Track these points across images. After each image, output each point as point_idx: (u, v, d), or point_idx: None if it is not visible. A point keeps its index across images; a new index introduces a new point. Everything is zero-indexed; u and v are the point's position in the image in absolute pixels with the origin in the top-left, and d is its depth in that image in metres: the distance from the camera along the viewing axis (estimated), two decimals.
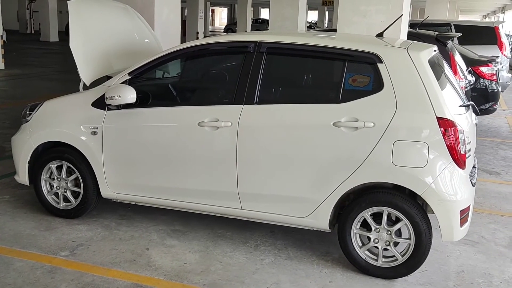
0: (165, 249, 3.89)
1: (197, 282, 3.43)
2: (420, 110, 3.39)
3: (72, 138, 4.17)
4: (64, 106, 4.37)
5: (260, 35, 3.95)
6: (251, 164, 3.72)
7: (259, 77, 3.73)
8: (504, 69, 10.88)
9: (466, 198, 3.44)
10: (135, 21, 5.36)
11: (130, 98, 3.91)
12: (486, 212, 4.96)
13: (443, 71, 3.94)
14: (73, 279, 3.40)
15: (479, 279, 3.65)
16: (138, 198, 4.14)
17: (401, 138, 3.39)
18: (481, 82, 8.15)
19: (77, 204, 4.29)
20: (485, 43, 11.04)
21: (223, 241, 4.05)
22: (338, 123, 3.49)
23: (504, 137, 8.54)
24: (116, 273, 3.50)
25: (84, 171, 4.18)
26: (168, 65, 4.43)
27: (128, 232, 4.17)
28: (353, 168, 3.48)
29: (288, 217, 3.73)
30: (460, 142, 3.38)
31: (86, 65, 4.45)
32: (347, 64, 3.62)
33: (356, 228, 3.58)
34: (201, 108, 3.88)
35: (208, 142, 3.81)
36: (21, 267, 3.53)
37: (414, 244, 3.45)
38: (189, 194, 3.95)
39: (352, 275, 3.60)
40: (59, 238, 4.00)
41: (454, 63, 6.64)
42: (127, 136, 4.04)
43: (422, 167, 3.36)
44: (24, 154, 4.35)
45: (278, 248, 3.97)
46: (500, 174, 6.33)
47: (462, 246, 4.15)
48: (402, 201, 3.44)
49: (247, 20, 31.12)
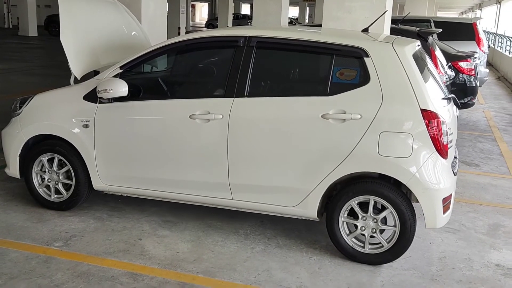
0: (158, 239, 3.98)
1: (190, 270, 3.53)
2: (405, 102, 3.53)
3: (63, 131, 4.21)
4: (55, 99, 4.41)
5: (250, 29, 4.05)
6: (241, 156, 3.82)
7: (249, 71, 3.83)
8: (482, 65, 11.14)
9: (448, 187, 3.60)
10: (124, 15, 5.41)
11: (122, 91, 3.97)
12: (466, 202, 5.14)
13: (426, 65, 4.09)
14: (69, 268, 3.47)
15: (461, 264, 3.82)
16: (130, 190, 4.21)
17: (387, 130, 3.52)
18: (460, 77, 8.35)
19: (68, 197, 4.34)
20: (464, 39, 11.28)
21: (214, 231, 4.15)
22: (326, 115, 3.61)
23: (482, 130, 8.78)
24: (111, 262, 3.57)
25: (76, 163, 4.24)
26: (158, 60, 4.50)
27: (120, 223, 4.24)
28: (340, 158, 3.61)
29: (278, 207, 3.85)
30: (442, 133, 3.53)
31: (76, 59, 4.50)
32: (334, 58, 3.74)
33: (344, 216, 3.71)
34: (192, 101, 3.96)
35: (200, 134, 3.90)
36: (16, 257, 3.59)
37: (399, 231, 3.60)
38: (181, 186, 4.04)
39: (340, 261, 3.74)
40: (52, 230, 4.05)
41: (435, 58, 6.83)
42: (119, 128, 4.10)
43: (406, 157, 3.51)
44: (15, 147, 4.38)
45: (268, 237, 4.08)
46: (479, 165, 6.55)
47: (444, 233, 4.32)
48: (388, 190, 3.58)
49: (228, 15, 31.13)
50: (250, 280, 3.44)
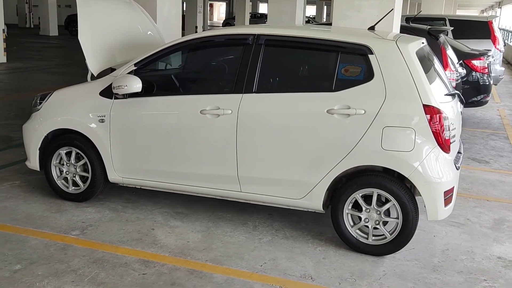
0: (169, 229, 4.15)
1: (200, 258, 3.69)
2: (408, 98, 3.64)
3: (81, 125, 4.41)
4: (73, 95, 4.61)
5: (259, 28, 4.19)
6: (250, 149, 3.97)
7: (257, 68, 3.97)
8: (497, 63, 11.11)
9: (450, 180, 3.70)
10: (139, 15, 5.60)
11: (136, 87, 4.15)
12: (473, 197, 5.22)
13: (431, 62, 4.18)
14: (85, 255, 3.66)
15: (463, 256, 3.91)
16: (143, 182, 4.39)
17: (390, 124, 3.64)
18: (473, 75, 8.38)
19: (85, 188, 4.54)
20: (479, 37, 11.26)
21: (224, 223, 4.31)
22: (332, 110, 3.74)
23: (495, 128, 8.79)
24: (124, 250, 3.75)
25: (92, 156, 4.43)
26: (170, 57, 4.67)
27: (134, 214, 4.42)
28: (345, 152, 3.73)
29: (284, 199, 3.99)
30: (444, 128, 3.63)
31: (93, 57, 4.70)
32: (340, 55, 3.86)
33: (348, 208, 3.84)
34: (203, 97, 4.12)
35: (210, 129, 4.05)
36: (35, 244, 3.79)
37: (402, 223, 3.71)
38: (192, 178, 4.20)
39: (344, 252, 3.86)
40: (70, 219, 4.25)
41: (445, 56, 6.89)
42: (133, 123, 4.28)
43: (409, 151, 3.61)
44: (35, 141, 4.60)
45: (275, 229, 4.23)
46: (489, 162, 6.60)
47: (448, 227, 4.41)
48: (391, 183, 3.70)
49: (245, 15, 31.31)
50: (256, 268, 3.58)
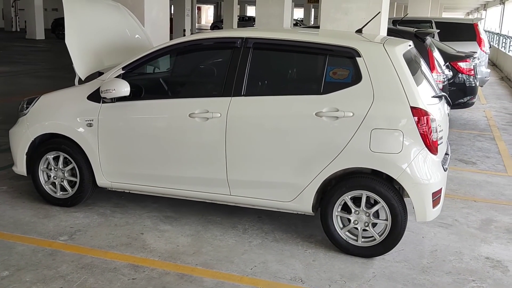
0: (159, 233, 4.13)
1: (189, 262, 3.68)
2: (395, 100, 3.67)
3: (68, 130, 4.38)
4: (60, 99, 4.58)
5: (247, 31, 4.20)
6: (239, 152, 3.97)
7: (246, 71, 3.98)
8: (483, 65, 11.23)
9: (438, 182, 3.73)
10: (127, 18, 5.58)
11: (124, 91, 4.13)
12: (460, 198, 5.26)
13: (418, 65, 4.22)
14: (73, 260, 3.63)
15: (451, 257, 3.94)
16: (132, 186, 4.36)
17: (378, 127, 3.66)
18: (459, 76, 8.47)
19: (73, 193, 4.51)
20: (465, 40, 11.37)
21: (213, 226, 4.30)
22: (320, 113, 3.75)
23: (482, 129, 8.88)
24: (114, 255, 3.73)
25: (80, 161, 4.40)
26: (158, 60, 4.66)
27: (123, 218, 4.39)
28: (334, 154, 3.75)
29: (274, 202, 3.99)
30: (432, 130, 3.66)
31: (81, 61, 4.67)
32: (328, 58, 3.88)
33: (338, 211, 3.85)
34: (192, 101, 4.11)
35: (199, 132, 4.05)
36: (23, 250, 3.75)
37: (391, 225, 3.73)
38: (182, 182, 4.19)
39: (334, 254, 3.87)
40: (58, 225, 4.21)
41: (432, 58, 6.95)
42: (121, 127, 4.26)
43: (397, 153, 3.64)
44: (22, 146, 4.55)
45: (265, 232, 4.23)
46: (476, 163, 6.66)
47: (437, 228, 4.45)
48: (380, 185, 3.72)
49: (233, 18, 31.30)
50: (246, 271, 3.58)
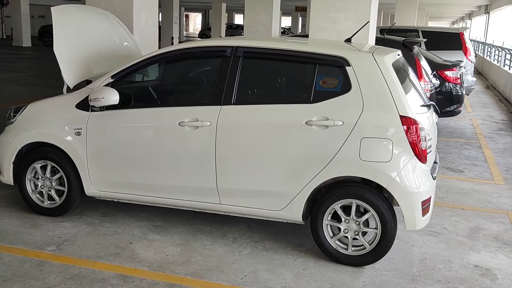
0: (148, 243, 4.10)
1: (179, 272, 3.65)
2: (385, 109, 3.69)
3: (56, 138, 4.33)
4: (48, 108, 4.53)
5: (237, 40, 4.21)
6: (229, 161, 3.96)
7: (236, 79, 3.98)
8: (468, 73, 11.36)
9: (427, 190, 3.75)
10: (115, 26, 5.56)
11: (113, 100, 4.10)
12: (448, 206, 5.30)
13: (406, 74, 4.25)
14: (61, 271, 3.58)
15: (440, 265, 3.96)
16: (121, 195, 4.33)
17: (368, 135, 3.68)
18: (446, 85, 8.55)
19: (61, 202, 4.46)
20: (451, 49, 11.50)
21: (203, 235, 4.28)
22: (310, 122, 3.76)
23: (468, 137, 8.97)
24: (102, 265, 3.69)
25: (68, 170, 4.35)
26: (148, 69, 4.64)
27: (111, 228, 4.35)
28: (324, 163, 3.75)
29: (264, 211, 3.98)
30: (421, 138, 3.69)
31: (69, 69, 4.64)
32: (317, 67, 3.90)
33: (327, 219, 3.85)
34: (181, 109, 4.10)
35: (188, 141, 4.03)
36: (9, 261, 3.69)
37: (381, 233, 3.73)
38: (171, 191, 4.16)
39: (324, 263, 3.87)
40: (45, 235, 4.16)
41: (420, 67, 7.02)
42: (110, 136, 4.23)
43: (387, 162, 3.65)
44: (9, 155, 4.50)
45: (255, 241, 4.21)
46: (463, 172, 6.71)
47: (426, 236, 4.47)
48: (369, 193, 3.73)
49: (221, 25, 31.40)
50: (237, 281, 3.56)
